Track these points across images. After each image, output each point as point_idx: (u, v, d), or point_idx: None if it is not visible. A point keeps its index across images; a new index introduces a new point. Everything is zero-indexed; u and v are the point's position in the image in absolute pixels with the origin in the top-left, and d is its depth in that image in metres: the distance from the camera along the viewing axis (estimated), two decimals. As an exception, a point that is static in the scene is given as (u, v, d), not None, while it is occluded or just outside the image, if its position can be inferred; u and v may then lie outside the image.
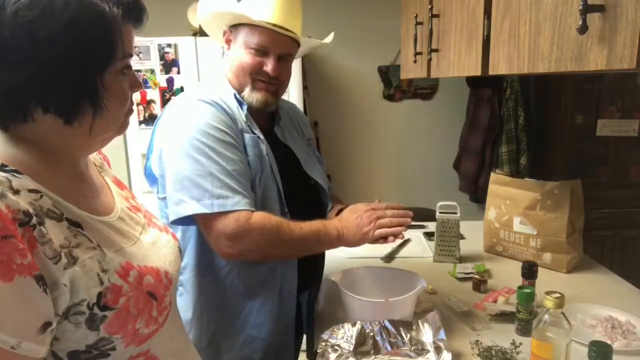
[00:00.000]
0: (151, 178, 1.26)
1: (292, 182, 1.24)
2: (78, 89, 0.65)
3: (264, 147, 1.20)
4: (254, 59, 1.19)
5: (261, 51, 1.19)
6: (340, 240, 1.19)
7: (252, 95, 1.21)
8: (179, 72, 2.76)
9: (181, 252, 0.90)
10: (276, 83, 1.23)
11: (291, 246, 1.15)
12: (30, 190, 0.61)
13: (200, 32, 2.89)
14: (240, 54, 1.20)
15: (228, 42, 1.24)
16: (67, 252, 0.62)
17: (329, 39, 1.35)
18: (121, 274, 0.67)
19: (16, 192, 0.59)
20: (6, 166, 0.62)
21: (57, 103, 0.64)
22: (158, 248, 0.80)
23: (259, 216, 1.11)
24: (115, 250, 0.69)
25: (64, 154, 0.70)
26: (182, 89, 2.76)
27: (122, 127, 0.75)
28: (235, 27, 1.21)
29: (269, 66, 1.19)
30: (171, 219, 1.12)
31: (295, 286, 1.25)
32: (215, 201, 1.07)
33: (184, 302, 1.23)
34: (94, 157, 0.86)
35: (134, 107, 2.74)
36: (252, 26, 1.18)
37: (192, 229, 1.20)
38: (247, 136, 1.19)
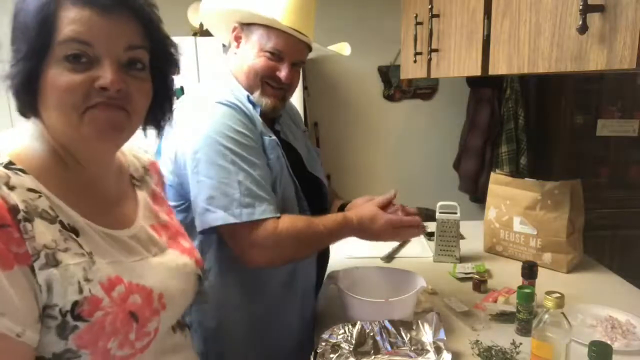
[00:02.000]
0: None
1: (300, 180, 1.22)
2: (20, 77, 0.63)
3: (279, 149, 1.17)
4: (268, 62, 1.13)
5: (276, 55, 1.13)
6: (356, 234, 1.20)
7: (261, 99, 1.17)
8: (179, 72, 2.76)
9: (201, 279, 0.84)
10: (284, 88, 1.19)
11: (316, 248, 1.19)
12: (29, 189, 0.62)
13: (200, 32, 2.89)
14: (253, 55, 1.14)
15: (237, 39, 1.17)
16: (50, 253, 0.61)
17: (347, 51, 1.30)
18: (105, 287, 0.64)
19: (11, 188, 0.60)
20: (12, 164, 0.63)
21: (14, 91, 0.65)
22: (165, 270, 0.75)
23: (287, 222, 1.08)
24: (110, 261, 0.67)
25: (70, 159, 0.69)
26: (182, 89, 2.76)
27: (93, 133, 0.66)
28: (247, 25, 1.14)
29: (282, 72, 1.14)
30: (198, 229, 1.07)
31: (314, 281, 1.26)
32: (244, 210, 1.03)
33: (207, 311, 1.18)
34: (135, 167, 0.85)
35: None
36: (268, 28, 1.11)
37: (214, 235, 1.15)
38: (267, 139, 1.14)
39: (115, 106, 0.66)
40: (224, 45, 1.27)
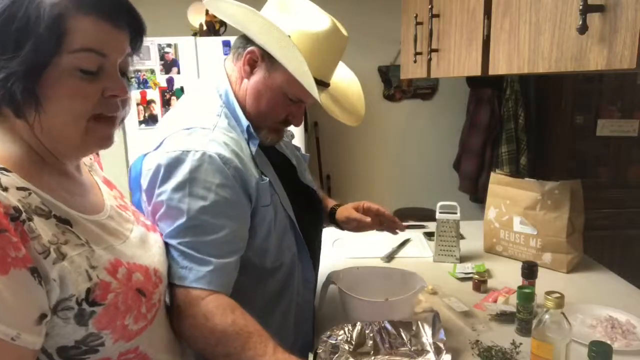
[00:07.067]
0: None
1: (292, 192, 1.16)
2: (12, 78, 0.62)
3: (273, 187, 1.08)
4: (287, 108, 1.08)
5: (296, 101, 1.07)
6: None
7: (267, 136, 1.10)
8: (179, 72, 2.76)
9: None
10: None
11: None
12: (18, 188, 0.62)
13: (200, 32, 2.89)
14: (270, 94, 1.05)
15: (251, 63, 1.05)
16: (55, 248, 0.62)
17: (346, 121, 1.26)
18: (110, 271, 0.68)
19: (5, 189, 0.60)
20: None
21: (2, 91, 0.63)
22: (147, 246, 0.80)
23: (217, 303, 0.89)
24: (105, 247, 0.70)
25: (47, 155, 0.70)
26: (182, 89, 2.77)
27: (95, 141, 0.70)
28: (270, 57, 1.01)
29: (297, 118, 1.10)
30: None
31: (312, 296, 1.21)
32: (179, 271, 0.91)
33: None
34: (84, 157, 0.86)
35: (134, 108, 2.75)
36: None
37: None
38: (261, 184, 1.03)
39: (113, 122, 0.72)
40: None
